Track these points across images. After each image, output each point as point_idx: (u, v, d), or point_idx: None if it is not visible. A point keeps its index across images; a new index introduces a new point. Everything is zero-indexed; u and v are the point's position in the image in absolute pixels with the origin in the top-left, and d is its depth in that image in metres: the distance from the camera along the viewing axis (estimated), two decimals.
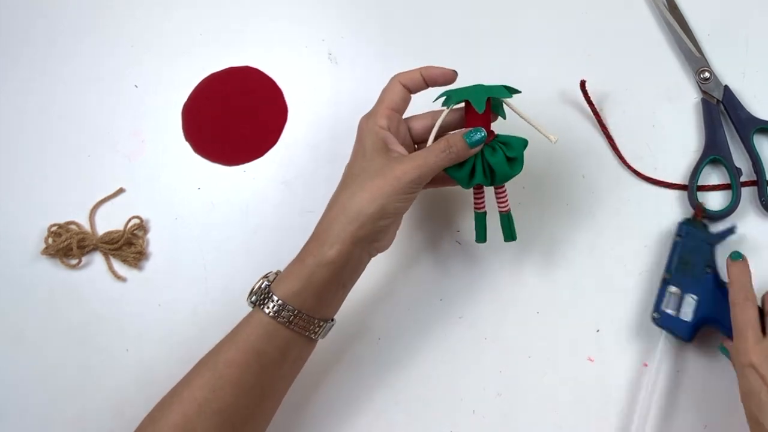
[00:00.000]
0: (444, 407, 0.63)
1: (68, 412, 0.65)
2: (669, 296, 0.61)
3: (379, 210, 0.54)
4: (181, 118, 0.74)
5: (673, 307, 0.61)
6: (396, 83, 0.59)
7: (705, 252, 0.62)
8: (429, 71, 0.59)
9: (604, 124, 0.70)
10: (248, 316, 0.56)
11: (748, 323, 0.55)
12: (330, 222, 0.55)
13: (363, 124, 0.59)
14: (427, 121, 0.61)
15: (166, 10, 0.78)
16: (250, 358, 0.54)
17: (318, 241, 0.55)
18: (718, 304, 0.60)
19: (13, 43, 0.77)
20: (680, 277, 0.62)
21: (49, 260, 0.69)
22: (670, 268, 0.62)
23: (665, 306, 0.61)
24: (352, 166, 0.57)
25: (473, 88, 0.59)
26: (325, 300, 0.56)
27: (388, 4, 0.77)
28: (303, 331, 0.55)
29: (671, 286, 0.61)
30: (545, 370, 0.64)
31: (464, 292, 0.66)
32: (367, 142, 0.57)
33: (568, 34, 0.74)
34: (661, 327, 0.61)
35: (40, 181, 0.72)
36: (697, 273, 0.61)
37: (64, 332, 0.67)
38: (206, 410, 0.52)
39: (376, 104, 0.59)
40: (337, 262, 0.54)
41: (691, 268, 0.62)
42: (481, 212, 0.62)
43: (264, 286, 0.55)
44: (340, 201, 0.56)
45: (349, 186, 0.56)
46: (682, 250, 0.62)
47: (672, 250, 0.63)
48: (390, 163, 0.56)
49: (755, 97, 0.71)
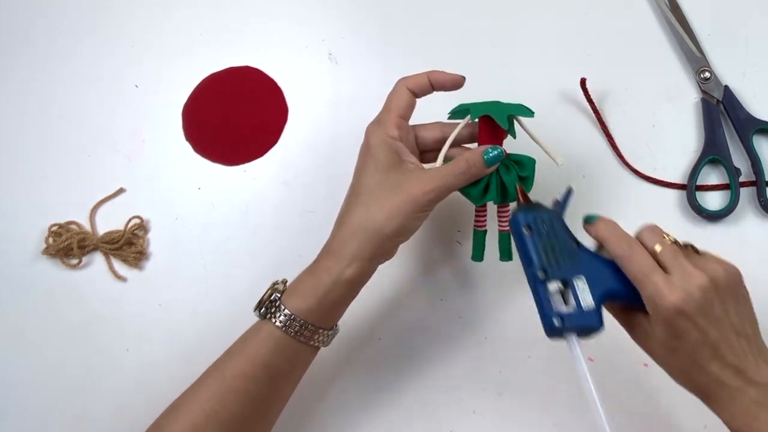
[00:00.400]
0: (444, 407, 0.63)
1: (68, 412, 0.65)
2: (553, 296, 0.50)
3: (398, 228, 0.54)
4: (181, 118, 0.74)
5: (566, 303, 0.50)
6: (403, 88, 0.58)
7: (559, 229, 0.52)
8: (437, 76, 0.58)
9: (604, 123, 0.70)
10: (258, 328, 0.55)
11: (646, 267, 0.49)
12: (347, 239, 0.54)
13: (373, 133, 0.57)
14: (436, 133, 0.60)
15: (166, 10, 0.78)
16: (258, 370, 0.53)
17: (334, 258, 0.54)
18: (607, 272, 0.52)
19: (13, 43, 0.77)
20: (555, 268, 0.51)
21: (49, 260, 0.69)
22: (539, 266, 0.51)
23: (558, 308, 0.50)
24: (366, 178, 0.56)
25: (493, 105, 0.58)
26: (337, 314, 0.56)
27: (388, 4, 0.77)
28: (309, 341, 0.55)
29: (550, 284, 0.50)
30: (545, 370, 0.64)
31: (464, 292, 0.66)
32: (379, 153, 0.56)
33: (568, 34, 0.74)
34: (568, 331, 0.50)
35: (40, 181, 0.72)
36: (568, 253, 0.51)
37: (64, 332, 0.67)
38: (213, 421, 0.53)
39: (383, 111, 0.58)
40: (355, 280, 0.54)
41: (560, 253, 0.51)
42: (482, 230, 0.61)
43: (274, 298, 0.55)
44: (356, 217, 0.55)
45: (365, 201, 0.55)
46: (539, 239, 0.51)
47: (527, 248, 0.51)
48: (408, 180, 0.55)
49: (755, 97, 0.71)
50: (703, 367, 0.49)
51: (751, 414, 0.48)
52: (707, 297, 0.48)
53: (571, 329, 0.50)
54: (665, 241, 0.51)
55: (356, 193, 0.56)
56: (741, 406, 0.49)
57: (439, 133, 0.60)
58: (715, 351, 0.48)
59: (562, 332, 0.50)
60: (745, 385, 0.49)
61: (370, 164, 0.56)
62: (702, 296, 0.48)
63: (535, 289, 0.51)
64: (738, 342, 0.49)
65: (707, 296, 0.48)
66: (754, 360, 0.49)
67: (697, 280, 0.48)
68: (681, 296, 0.48)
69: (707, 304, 0.48)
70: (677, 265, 0.49)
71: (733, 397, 0.49)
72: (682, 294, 0.48)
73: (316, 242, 0.63)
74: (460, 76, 0.58)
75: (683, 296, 0.48)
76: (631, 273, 0.50)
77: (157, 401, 0.56)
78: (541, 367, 0.64)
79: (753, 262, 0.60)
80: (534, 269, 0.51)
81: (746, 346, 0.49)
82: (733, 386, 0.49)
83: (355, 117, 0.73)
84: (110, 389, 0.65)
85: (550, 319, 0.50)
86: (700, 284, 0.48)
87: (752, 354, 0.49)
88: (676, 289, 0.48)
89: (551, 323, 0.50)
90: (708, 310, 0.48)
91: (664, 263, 0.50)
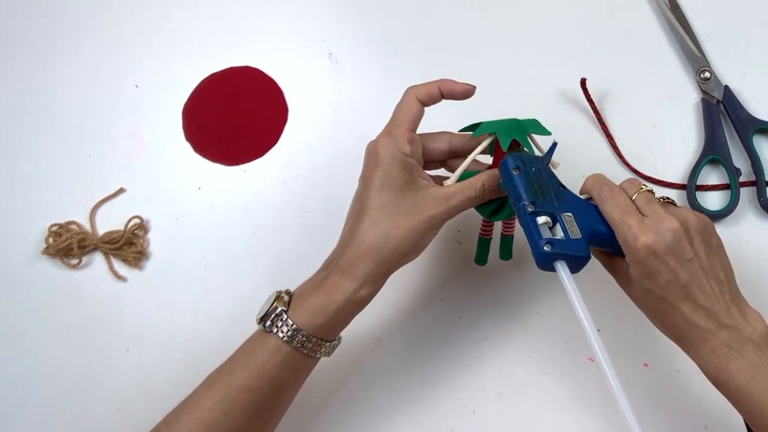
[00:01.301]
0: (444, 407, 0.63)
1: (68, 412, 0.65)
2: (542, 227, 0.52)
3: (413, 247, 0.54)
4: (181, 118, 0.74)
5: (554, 234, 0.52)
6: (412, 99, 0.57)
7: (548, 173, 0.55)
8: (447, 85, 0.57)
9: (604, 123, 0.70)
10: (262, 340, 0.54)
11: (623, 208, 0.52)
12: (360, 258, 0.53)
13: (384, 147, 0.55)
14: (443, 145, 0.59)
15: (166, 10, 0.78)
16: (264, 384, 0.53)
17: (347, 277, 0.53)
18: (591, 214, 0.54)
19: (13, 43, 0.77)
20: (543, 202, 0.53)
21: (49, 260, 0.69)
22: (528, 200, 0.52)
23: (547, 235, 0.52)
24: (378, 195, 0.54)
25: (510, 123, 0.57)
26: (343, 328, 0.56)
27: (388, 4, 0.77)
28: (312, 353, 0.54)
29: (539, 217, 0.52)
30: (545, 370, 0.64)
31: (464, 292, 0.66)
32: (393, 170, 0.55)
33: (568, 34, 0.74)
34: (558, 258, 0.51)
35: (40, 181, 0.72)
36: (555, 193, 0.54)
37: (64, 332, 0.67)
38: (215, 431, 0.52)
39: (394, 123, 0.57)
40: (369, 299, 0.55)
41: (547, 191, 0.54)
42: (487, 238, 0.62)
43: (280, 312, 0.53)
44: (369, 235, 0.53)
45: (378, 220, 0.54)
46: (529, 177, 0.53)
47: (516, 185, 0.53)
48: (423, 199, 0.54)
49: (755, 97, 0.71)
50: (675, 307, 0.50)
51: (722, 356, 0.50)
52: (677, 237, 0.50)
53: (560, 256, 0.51)
54: (642, 189, 0.53)
55: (367, 209, 0.54)
56: (712, 348, 0.50)
57: (446, 146, 0.59)
58: (685, 291, 0.50)
59: (552, 258, 0.51)
60: (717, 328, 0.50)
61: (382, 181, 0.54)
62: (672, 237, 0.50)
63: (525, 223, 0.52)
64: (709, 284, 0.51)
65: (677, 237, 0.50)
66: (726, 303, 0.51)
67: (668, 223, 0.50)
68: (652, 237, 0.50)
69: (677, 245, 0.50)
70: (651, 210, 0.51)
71: (705, 340, 0.50)
72: (653, 235, 0.50)
73: (316, 242, 0.63)
74: (471, 86, 0.58)
75: (654, 237, 0.50)
76: (608, 214, 0.52)
77: (156, 401, 0.56)
78: (541, 367, 0.64)
79: (753, 262, 0.60)
80: (524, 203, 0.52)
81: (717, 289, 0.51)
82: (705, 328, 0.50)
83: (355, 117, 0.73)
84: (110, 389, 0.65)
85: (540, 245, 0.51)
86: (671, 227, 0.50)
87: (723, 298, 0.51)
88: (647, 230, 0.50)
89: (541, 249, 0.51)
90: (678, 251, 0.50)
91: (640, 208, 0.52)
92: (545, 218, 0.52)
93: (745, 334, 0.50)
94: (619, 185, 0.54)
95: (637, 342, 0.63)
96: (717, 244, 0.53)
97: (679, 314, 0.51)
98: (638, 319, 0.64)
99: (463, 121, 0.59)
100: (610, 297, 0.58)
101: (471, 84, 0.58)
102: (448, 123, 0.60)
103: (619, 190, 0.53)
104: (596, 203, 0.54)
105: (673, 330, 0.52)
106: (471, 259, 0.66)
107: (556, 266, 0.51)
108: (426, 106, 0.58)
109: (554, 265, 0.51)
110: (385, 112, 0.58)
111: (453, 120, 0.60)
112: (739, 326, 0.50)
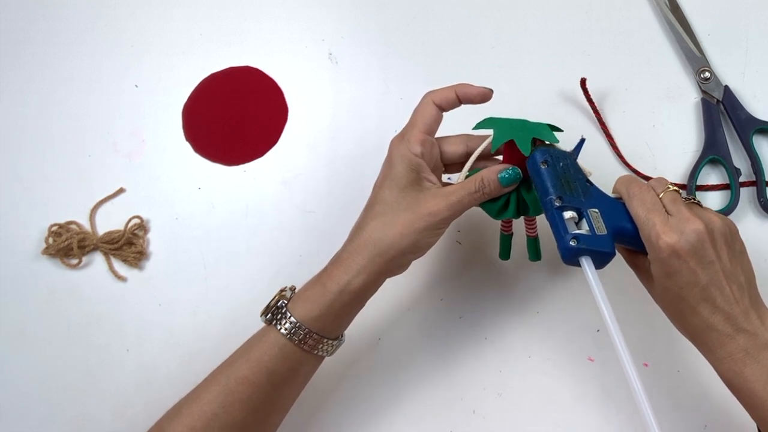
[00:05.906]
0: (444, 407, 0.63)
1: (68, 412, 0.65)
2: (568, 222, 0.52)
3: (411, 245, 0.54)
4: (181, 118, 0.74)
5: (580, 229, 0.53)
6: (429, 103, 0.57)
7: (576, 169, 0.55)
8: (465, 90, 0.57)
9: (604, 123, 0.70)
10: (262, 334, 0.55)
11: (649, 206, 0.52)
12: (357, 250, 0.54)
13: (396, 147, 0.57)
14: (460, 147, 0.59)
15: (166, 10, 0.78)
16: (262, 377, 0.53)
17: (342, 268, 0.54)
18: (618, 211, 0.54)
19: (13, 43, 0.77)
20: (570, 197, 0.53)
21: (49, 260, 0.69)
22: (555, 194, 0.53)
23: (573, 230, 0.52)
24: (383, 193, 0.56)
25: (519, 125, 0.57)
26: (342, 324, 0.56)
27: (388, 4, 0.77)
28: (313, 350, 0.55)
29: (565, 212, 0.53)
30: (545, 370, 0.64)
31: (464, 292, 0.66)
32: (400, 169, 0.56)
33: (568, 34, 0.74)
34: (583, 253, 0.52)
35: (40, 181, 0.72)
36: (582, 188, 0.54)
37: (64, 332, 0.67)
38: (215, 424, 0.53)
39: (408, 126, 0.57)
40: (362, 292, 0.55)
41: (575, 186, 0.54)
42: (508, 234, 0.62)
43: (281, 304, 0.55)
44: (369, 230, 0.55)
45: (379, 216, 0.55)
46: (555, 172, 0.54)
47: (544, 179, 0.54)
48: (423, 198, 0.55)
49: (755, 97, 0.71)
50: (693, 308, 0.51)
51: (738, 360, 0.50)
52: (700, 239, 0.50)
53: (585, 251, 0.52)
54: (669, 188, 0.54)
55: (372, 206, 0.56)
56: (729, 352, 0.50)
57: (463, 148, 0.59)
58: (704, 293, 0.50)
59: (578, 253, 0.51)
60: (734, 332, 0.50)
61: (389, 179, 0.56)
62: (696, 238, 0.50)
63: (551, 217, 0.53)
64: (729, 288, 0.51)
65: (701, 238, 0.50)
66: (745, 308, 0.51)
67: (693, 224, 0.50)
68: (675, 237, 0.50)
69: (700, 246, 0.50)
70: (676, 209, 0.52)
71: (722, 343, 0.50)
72: (676, 235, 0.50)
73: (316, 242, 0.63)
74: (488, 90, 0.58)
75: (678, 237, 0.50)
76: (633, 210, 0.53)
77: (157, 401, 0.56)
78: (541, 367, 0.64)
79: (753, 262, 0.60)
80: (551, 197, 0.53)
81: (737, 293, 0.51)
82: (723, 331, 0.50)
83: (355, 117, 0.73)
84: (110, 389, 0.65)
85: (566, 240, 0.51)
86: (695, 228, 0.50)
87: (743, 302, 0.51)
88: (671, 230, 0.50)
89: (567, 243, 0.51)
90: (700, 252, 0.50)
91: (665, 207, 0.52)
92: (572, 213, 0.53)
93: (762, 340, 0.50)
94: (647, 183, 0.55)
95: (638, 342, 0.63)
96: (740, 249, 0.53)
97: (697, 315, 0.51)
98: (638, 319, 0.64)
99: (468, 118, 0.59)
100: (610, 297, 0.58)
101: (487, 87, 0.58)
102: (456, 121, 0.60)
103: (648, 188, 0.54)
104: (624, 200, 0.54)
105: (690, 331, 0.52)
106: (471, 259, 0.66)
107: (581, 261, 0.52)
108: (444, 110, 0.58)
109: (579, 260, 0.52)
110: (384, 112, 0.58)
111: (458, 119, 0.60)
112: (757, 331, 0.50)
